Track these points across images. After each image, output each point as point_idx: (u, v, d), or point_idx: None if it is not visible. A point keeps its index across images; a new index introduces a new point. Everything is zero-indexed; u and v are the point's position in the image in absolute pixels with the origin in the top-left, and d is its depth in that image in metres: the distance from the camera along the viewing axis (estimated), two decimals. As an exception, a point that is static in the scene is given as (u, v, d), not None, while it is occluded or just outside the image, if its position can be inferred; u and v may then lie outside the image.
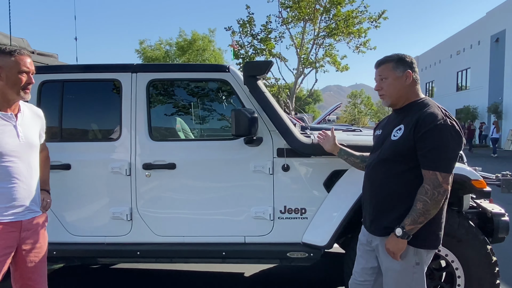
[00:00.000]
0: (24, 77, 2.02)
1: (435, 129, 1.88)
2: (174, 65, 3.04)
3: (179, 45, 30.46)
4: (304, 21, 16.12)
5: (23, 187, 2.06)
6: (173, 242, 2.99)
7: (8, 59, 1.98)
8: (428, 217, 1.92)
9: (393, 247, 1.98)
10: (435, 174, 1.88)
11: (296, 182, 2.96)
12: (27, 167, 2.08)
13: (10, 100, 2.03)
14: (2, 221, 2.00)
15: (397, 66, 2.07)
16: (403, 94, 2.08)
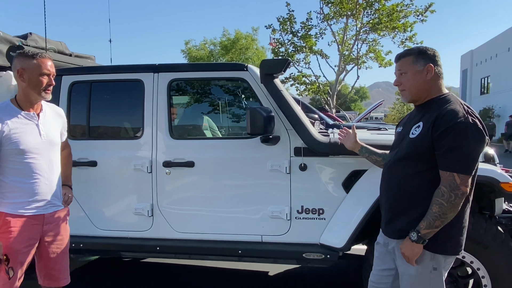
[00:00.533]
0: (45, 79, 2.14)
1: (454, 127, 1.76)
2: (193, 65, 3.10)
3: (223, 44, 30.87)
4: (346, 16, 15.75)
5: (45, 182, 2.18)
6: (191, 239, 3.04)
7: (30, 61, 2.11)
8: (445, 221, 1.81)
9: (408, 251, 1.88)
10: (453, 175, 1.77)
11: (314, 182, 2.91)
12: (48, 163, 2.20)
13: (32, 100, 2.16)
14: (25, 214, 2.13)
15: (417, 59, 1.95)
16: (423, 90, 1.96)
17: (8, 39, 3.61)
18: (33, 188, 2.14)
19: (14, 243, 2.08)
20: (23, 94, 2.14)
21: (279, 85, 2.91)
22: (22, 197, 2.12)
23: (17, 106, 2.14)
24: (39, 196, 2.16)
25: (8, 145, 2.07)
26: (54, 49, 4.21)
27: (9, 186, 2.11)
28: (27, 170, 2.12)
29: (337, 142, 2.78)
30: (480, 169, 2.52)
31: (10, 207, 2.11)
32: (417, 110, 2.05)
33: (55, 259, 2.28)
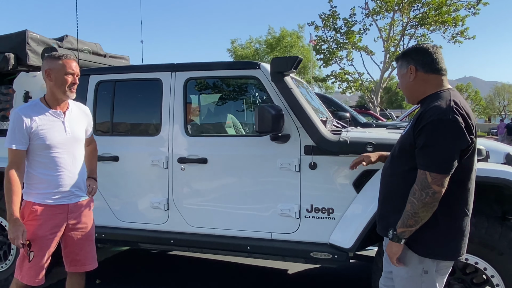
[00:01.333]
0: (69, 77, 2.31)
1: (430, 125, 1.70)
2: (208, 64, 3.16)
3: (268, 42, 30.93)
4: (393, 11, 15.23)
5: (68, 175, 2.36)
6: (204, 233, 3.12)
7: (56, 62, 2.30)
8: (419, 220, 1.74)
9: (388, 249, 1.87)
10: (425, 173, 1.71)
11: (324, 181, 2.88)
12: (72, 158, 2.38)
13: (58, 99, 2.34)
14: (51, 204, 2.32)
15: (401, 63, 1.94)
16: (414, 91, 1.92)
17: (44, 41, 3.88)
18: (57, 180, 2.32)
19: (41, 229, 2.28)
20: (50, 93, 2.34)
21: (289, 83, 2.90)
22: (48, 188, 2.31)
23: (46, 104, 2.34)
24: (63, 187, 2.34)
25: (35, 140, 2.25)
26: (89, 50, 4.47)
27: (36, 177, 2.30)
28: (52, 163, 2.31)
29: (346, 141, 2.73)
30: (494, 170, 2.40)
31: (37, 197, 2.30)
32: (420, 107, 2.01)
33: (79, 245, 2.46)
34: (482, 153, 2.53)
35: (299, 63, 2.90)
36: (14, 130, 2.23)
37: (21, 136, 2.22)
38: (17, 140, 2.23)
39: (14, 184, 2.20)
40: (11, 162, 2.24)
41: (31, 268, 2.29)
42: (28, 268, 2.29)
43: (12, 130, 2.24)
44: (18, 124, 2.23)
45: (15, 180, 2.20)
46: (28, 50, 3.71)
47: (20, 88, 3.56)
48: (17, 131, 2.23)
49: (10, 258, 3.55)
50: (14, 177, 2.20)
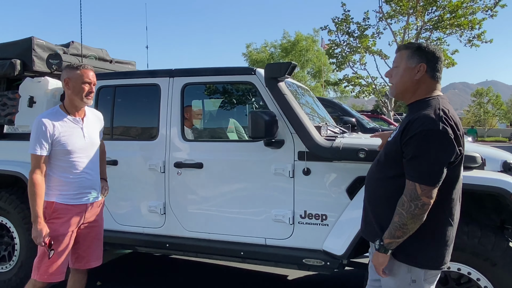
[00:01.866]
0: (86, 86, 2.48)
1: (420, 135, 1.66)
2: (205, 69, 3.19)
3: (283, 46, 30.97)
4: (407, 15, 15.06)
5: (87, 177, 2.55)
6: (199, 237, 3.13)
7: (75, 72, 2.47)
8: (407, 232, 1.71)
9: (374, 260, 1.83)
10: (414, 185, 1.68)
11: (317, 187, 2.87)
12: (90, 161, 2.57)
13: (76, 106, 2.51)
14: (72, 204, 2.50)
15: (412, 55, 1.83)
16: (409, 88, 1.85)
17: (50, 47, 3.98)
18: (77, 182, 2.51)
19: (62, 228, 2.46)
20: (69, 101, 2.51)
21: (283, 89, 2.91)
22: (68, 190, 2.49)
23: (65, 111, 2.50)
24: (82, 189, 2.53)
25: (57, 146, 2.42)
26: (95, 56, 4.55)
27: (58, 180, 2.47)
28: (72, 167, 2.48)
29: (338, 147, 2.71)
30: (487, 178, 2.35)
31: (58, 197, 2.47)
32: (407, 112, 1.97)
33: (88, 242, 2.63)
34: (477, 160, 2.47)
35: (293, 69, 2.90)
36: (38, 136, 2.38)
37: (44, 142, 2.38)
38: (41, 146, 2.38)
39: (38, 188, 2.36)
40: (34, 166, 2.39)
41: (52, 266, 2.45)
42: (48, 266, 2.45)
43: (36, 137, 2.38)
44: (41, 131, 2.38)
45: (39, 183, 2.36)
46: (34, 56, 3.81)
47: (25, 93, 3.65)
48: (40, 137, 2.38)
49: (14, 259, 3.63)
50: (38, 181, 2.36)
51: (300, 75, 31.50)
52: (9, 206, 3.62)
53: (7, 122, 3.83)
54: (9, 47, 3.92)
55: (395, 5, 14.97)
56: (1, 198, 3.67)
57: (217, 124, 3.54)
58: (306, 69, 31.80)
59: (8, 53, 3.87)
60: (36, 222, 2.36)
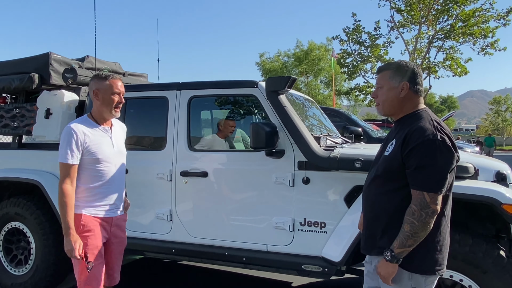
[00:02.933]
0: (116, 97, 2.43)
1: (422, 146, 1.76)
2: (210, 83, 3.34)
3: (296, 55, 31.17)
4: (419, 24, 15.08)
5: (115, 188, 2.48)
6: (203, 244, 3.27)
7: (103, 83, 2.41)
8: (418, 240, 1.80)
9: (383, 271, 1.88)
10: (422, 194, 1.77)
11: (316, 195, 2.97)
12: (118, 171, 2.51)
13: (105, 117, 2.47)
14: (99, 216, 2.42)
15: (394, 75, 1.97)
16: (396, 106, 1.98)
17: (66, 62, 4.20)
18: (106, 193, 2.44)
19: (95, 240, 2.38)
20: (98, 111, 2.45)
21: (283, 101, 3.04)
22: (96, 201, 2.41)
23: (94, 120, 2.45)
24: (110, 200, 2.46)
25: (87, 154, 2.36)
26: (108, 69, 4.75)
27: (85, 190, 2.39)
28: (101, 177, 2.41)
29: (336, 157, 2.82)
30: (478, 188, 2.42)
31: (86, 210, 2.39)
32: (395, 127, 2.07)
33: (114, 259, 2.55)
34: (470, 170, 2.55)
35: (293, 82, 3.03)
36: (68, 144, 2.31)
37: (75, 150, 2.31)
38: (71, 155, 2.30)
39: (68, 198, 2.28)
40: (64, 176, 2.31)
41: (92, 279, 2.34)
42: (88, 279, 2.33)
43: (66, 145, 2.31)
44: (72, 139, 2.31)
45: (69, 194, 2.28)
46: (51, 71, 4.02)
47: (42, 105, 3.87)
48: (72, 145, 2.30)
49: (29, 262, 3.82)
50: (68, 191, 2.28)
51: (313, 83, 31.64)
52: (26, 212, 3.81)
53: (25, 132, 4.05)
54: (28, 62, 4.15)
55: (406, 14, 15.02)
56: (19, 205, 3.87)
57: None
58: (319, 78, 31.90)
59: (27, 67, 4.10)
60: (68, 234, 2.26)
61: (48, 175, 3.83)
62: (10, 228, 3.94)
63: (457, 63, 15.03)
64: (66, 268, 3.91)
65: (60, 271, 3.81)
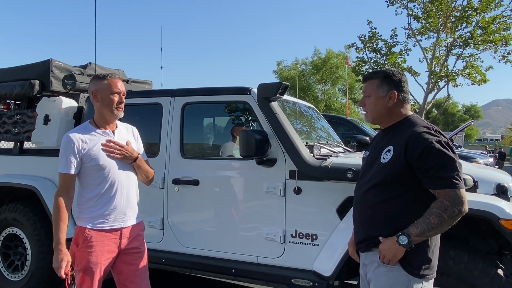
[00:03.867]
0: (115, 97, 2.28)
1: (433, 148, 1.76)
2: (203, 89, 3.29)
3: (314, 63, 31.02)
4: (437, 31, 14.75)
5: (122, 196, 2.30)
6: (194, 254, 3.19)
7: (102, 83, 2.28)
8: (436, 233, 1.80)
9: (389, 253, 1.80)
10: (453, 191, 1.74)
11: (308, 206, 2.87)
12: (126, 177, 2.33)
13: (107, 119, 2.32)
14: (104, 228, 2.25)
15: (381, 84, 1.96)
16: (384, 114, 1.97)
17: (67, 68, 4.22)
18: (112, 202, 2.27)
19: (95, 256, 2.20)
20: (99, 114, 2.32)
21: (274, 109, 2.95)
22: (102, 211, 2.25)
23: (95, 125, 2.32)
24: (116, 209, 2.28)
25: (88, 162, 2.22)
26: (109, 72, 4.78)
27: (90, 200, 2.25)
28: (106, 185, 2.25)
29: (327, 167, 2.71)
30: (477, 202, 2.27)
31: (90, 222, 2.24)
32: (383, 133, 2.02)
33: (132, 272, 2.34)
34: (467, 183, 2.40)
35: (285, 89, 2.94)
36: (65, 154, 2.21)
37: (72, 159, 2.20)
38: (68, 164, 2.20)
39: (61, 211, 2.17)
40: (61, 187, 2.22)
41: None
42: None
43: (63, 154, 2.22)
44: (69, 148, 2.21)
45: (62, 206, 2.18)
46: (52, 77, 4.05)
47: (41, 112, 3.89)
48: (68, 154, 2.20)
49: (25, 268, 3.82)
50: (61, 203, 2.18)
51: (331, 92, 31.39)
52: (23, 218, 3.82)
53: (25, 138, 4.08)
54: (30, 69, 4.20)
55: (424, 21, 14.73)
56: (16, 210, 3.88)
57: (215, 141, 3.62)
58: (337, 86, 31.64)
59: (29, 74, 4.15)
60: (57, 250, 2.14)
61: (46, 181, 3.84)
62: (8, 234, 3.96)
63: (477, 71, 14.61)
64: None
65: (55, 278, 3.78)
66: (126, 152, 2.33)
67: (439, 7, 14.21)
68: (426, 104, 15.58)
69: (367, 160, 2.05)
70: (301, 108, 3.84)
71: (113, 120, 2.35)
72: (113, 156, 2.29)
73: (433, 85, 15.17)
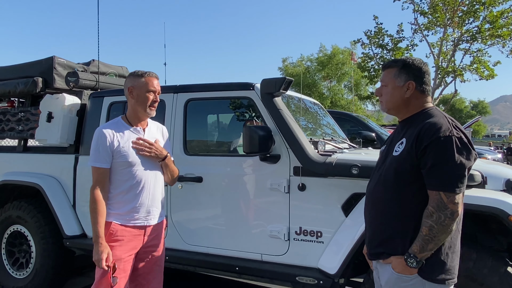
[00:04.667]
0: (151, 95, 2.29)
1: (438, 142, 1.64)
2: (206, 85, 3.25)
3: (319, 60, 30.86)
4: (444, 26, 14.59)
5: (149, 194, 2.31)
6: (198, 251, 3.16)
7: (139, 80, 2.28)
8: (438, 243, 1.67)
9: (403, 273, 1.72)
10: (439, 194, 1.64)
11: (312, 203, 2.82)
12: (153, 176, 2.33)
13: (140, 116, 2.33)
14: (130, 225, 2.27)
15: (399, 73, 1.85)
16: (401, 105, 1.86)
17: (70, 65, 4.21)
18: (138, 199, 2.28)
19: (119, 251, 2.22)
20: (132, 111, 2.33)
21: (278, 104, 2.91)
22: (127, 208, 2.26)
23: (127, 122, 2.33)
24: (143, 207, 2.29)
25: (118, 158, 2.24)
26: (114, 73, 4.76)
27: (117, 196, 2.27)
28: (133, 182, 2.26)
29: (332, 163, 2.67)
30: (486, 198, 2.21)
31: (117, 218, 2.26)
32: (401, 126, 1.93)
33: (148, 269, 2.38)
34: (476, 179, 2.33)
35: (289, 84, 2.90)
36: (98, 148, 2.22)
37: (105, 154, 2.22)
38: (102, 158, 2.22)
39: (99, 204, 2.18)
40: (96, 181, 2.23)
41: None
42: None
43: (96, 149, 2.23)
44: (102, 142, 2.22)
45: (100, 200, 2.19)
46: (55, 74, 4.04)
47: (45, 109, 3.88)
48: (101, 149, 2.22)
49: (30, 266, 3.82)
50: (99, 197, 2.19)
51: (337, 88, 31.21)
52: (27, 216, 3.82)
53: (29, 136, 4.07)
54: (33, 66, 4.18)
55: (431, 16, 14.57)
56: (21, 208, 3.88)
57: (219, 138, 3.58)
58: (343, 82, 31.46)
59: (33, 71, 4.14)
60: (97, 243, 2.15)
61: (50, 179, 3.84)
62: (12, 231, 3.96)
63: (484, 66, 14.42)
64: (66, 273, 3.90)
65: (59, 275, 3.80)
66: (156, 150, 2.34)
67: (446, 1, 14.04)
68: (433, 100, 15.41)
69: (382, 154, 1.98)
70: (306, 105, 3.80)
71: (145, 118, 2.37)
72: (143, 154, 2.30)
73: (440, 81, 15.02)
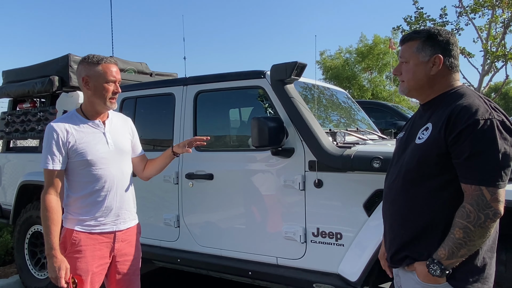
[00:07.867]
0: (111, 86, 1.98)
1: (475, 127, 1.34)
2: (216, 75, 3.03)
3: (359, 50, 29.82)
4: (492, 7, 13.49)
5: (115, 195, 2.02)
6: (210, 254, 2.95)
7: (95, 68, 1.96)
8: (473, 249, 1.39)
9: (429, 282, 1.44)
10: (480, 189, 1.34)
11: (331, 201, 2.52)
12: (119, 173, 2.04)
13: (98, 110, 2.03)
14: (95, 231, 1.98)
15: (423, 47, 1.53)
16: (424, 86, 1.55)
17: (85, 63, 4.13)
18: (103, 202, 1.99)
19: (84, 263, 1.95)
20: (89, 103, 2.02)
21: (290, 92, 2.63)
22: (91, 212, 1.98)
23: (83, 115, 2.03)
24: (109, 210, 2.01)
25: (75, 157, 1.95)
26: (134, 69, 4.65)
27: (78, 200, 1.98)
28: (96, 183, 1.98)
29: (349, 155, 2.35)
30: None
31: (79, 224, 1.97)
32: (423, 110, 1.61)
33: (126, 281, 2.11)
34: None
35: (302, 69, 2.61)
36: (49, 147, 1.92)
37: (57, 153, 1.91)
38: (52, 158, 1.91)
39: (52, 212, 1.87)
40: (47, 185, 1.92)
41: None
42: None
43: (47, 148, 1.92)
44: (53, 140, 1.91)
45: (52, 207, 1.88)
46: (71, 72, 3.97)
47: (60, 108, 3.82)
48: (52, 147, 1.91)
49: (51, 266, 3.78)
50: (51, 203, 1.89)
51: (378, 80, 30.04)
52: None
53: (47, 135, 4.04)
54: (50, 65, 4.15)
55: (477, -2, 13.54)
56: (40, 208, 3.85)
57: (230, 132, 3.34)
58: (384, 73, 30.22)
59: (49, 70, 4.10)
60: (51, 257, 1.86)
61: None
62: (34, 232, 3.95)
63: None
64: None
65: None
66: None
67: (494, -20, 12.99)
68: (483, 87, 14.35)
69: (400, 142, 1.65)
70: (331, 93, 3.48)
71: (104, 111, 2.07)
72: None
73: (489, 66, 13.92)
